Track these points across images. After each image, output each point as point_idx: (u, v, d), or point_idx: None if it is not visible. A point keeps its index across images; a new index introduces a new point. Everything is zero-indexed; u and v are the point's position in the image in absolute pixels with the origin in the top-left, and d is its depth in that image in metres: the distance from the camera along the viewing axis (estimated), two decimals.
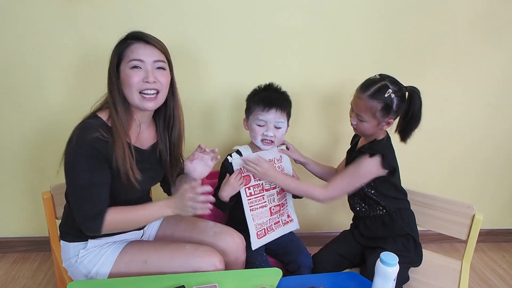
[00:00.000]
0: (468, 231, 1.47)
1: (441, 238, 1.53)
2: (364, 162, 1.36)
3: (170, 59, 1.23)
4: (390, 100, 1.30)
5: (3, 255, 2.00)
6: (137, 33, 1.17)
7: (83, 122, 1.13)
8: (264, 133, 1.44)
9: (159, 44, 1.18)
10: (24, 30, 1.63)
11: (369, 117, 1.33)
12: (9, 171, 1.87)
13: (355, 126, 1.40)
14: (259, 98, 1.46)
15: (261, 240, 1.48)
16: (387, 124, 1.35)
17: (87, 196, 1.09)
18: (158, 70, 1.16)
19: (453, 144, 2.04)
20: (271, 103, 1.43)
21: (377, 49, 1.82)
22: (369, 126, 1.35)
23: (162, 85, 1.17)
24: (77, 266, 1.20)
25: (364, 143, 1.45)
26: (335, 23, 1.76)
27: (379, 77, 1.35)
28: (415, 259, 1.45)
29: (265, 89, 1.51)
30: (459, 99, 1.96)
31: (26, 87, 1.72)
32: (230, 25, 1.71)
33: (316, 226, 2.16)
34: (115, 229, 1.14)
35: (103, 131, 1.10)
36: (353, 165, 1.38)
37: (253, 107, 1.46)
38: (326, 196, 1.38)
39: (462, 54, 1.87)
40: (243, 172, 1.45)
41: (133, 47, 1.14)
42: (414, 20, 1.78)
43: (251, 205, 1.46)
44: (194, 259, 1.18)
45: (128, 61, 1.13)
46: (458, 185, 2.13)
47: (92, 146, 1.07)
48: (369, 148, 1.37)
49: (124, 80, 1.14)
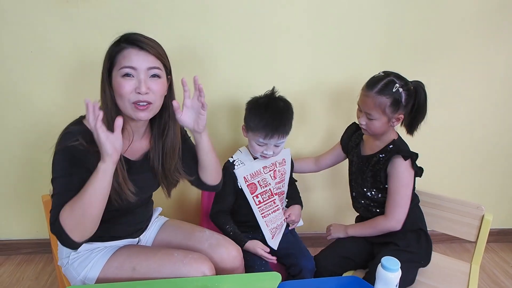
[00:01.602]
0: (477, 232, 1.42)
1: (450, 238, 1.48)
2: (402, 167, 1.33)
3: (167, 63, 1.14)
4: (399, 94, 1.29)
5: (8, 257, 2.00)
6: (131, 36, 1.08)
7: (66, 129, 1.08)
8: (264, 152, 1.41)
9: (155, 49, 1.08)
10: (22, 33, 1.62)
11: (379, 114, 1.31)
12: (12, 174, 1.87)
13: (365, 126, 1.37)
14: (261, 124, 1.36)
15: (275, 239, 1.48)
16: (397, 120, 1.34)
17: (56, 203, 1.01)
18: (152, 78, 1.07)
19: (460, 142, 1.99)
20: (273, 131, 1.36)
21: (382, 46, 1.77)
22: (380, 124, 1.33)
23: (156, 95, 1.08)
24: (68, 267, 1.19)
25: (375, 146, 1.41)
26: (338, 22, 1.72)
27: (383, 74, 1.34)
28: (425, 257, 1.41)
29: (266, 108, 1.39)
30: (466, 95, 1.90)
31: (26, 89, 1.71)
32: (230, 26, 1.68)
33: (320, 227, 2.12)
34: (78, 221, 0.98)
35: (85, 139, 1.03)
36: (393, 178, 1.35)
37: (254, 129, 1.38)
38: (396, 222, 1.36)
39: (470, 49, 1.82)
40: (248, 181, 1.42)
41: (125, 52, 1.05)
42: (420, 16, 1.73)
43: (262, 212, 1.45)
44: (183, 267, 1.14)
45: (120, 68, 1.05)
46: (465, 183, 2.08)
47: (69, 151, 1.02)
48: (399, 151, 1.34)
49: (115, 89, 1.07)
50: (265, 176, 1.47)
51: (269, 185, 1.47)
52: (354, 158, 1.51)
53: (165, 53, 1.13)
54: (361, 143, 1.50)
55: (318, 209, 2.09)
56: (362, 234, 1.46)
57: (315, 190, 2.04)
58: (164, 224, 1.40)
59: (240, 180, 1.43)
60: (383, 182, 1.38)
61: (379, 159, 1.38)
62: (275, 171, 1.49)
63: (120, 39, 1.08)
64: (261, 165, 1.47)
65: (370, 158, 1.42)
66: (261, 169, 1.46)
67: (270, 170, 1.48)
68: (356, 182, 1.49)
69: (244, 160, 1.46)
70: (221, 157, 1.86)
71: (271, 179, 1.47)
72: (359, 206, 1.51)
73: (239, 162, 1.46)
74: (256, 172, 1.46)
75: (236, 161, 1.46)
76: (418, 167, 1.36)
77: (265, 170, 1.47)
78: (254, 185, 1.45)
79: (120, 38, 1.09)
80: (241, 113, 1.51)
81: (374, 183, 1.41)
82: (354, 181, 1.50)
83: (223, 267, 1.26)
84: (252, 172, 1.45)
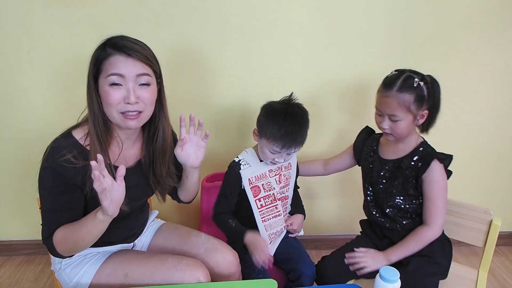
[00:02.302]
0: (485, 238, 1.36)
1: (458, 241, 1.42)
2: (440, 171, 1.26)
3: (157, 68, 1.09)
4: (420, 89, 1.22)
5: (8, 258, 2.00)
6: (117, 41, 1.02)
7: (54, 142, 1.06)
8: (275, 159, 1.35)
9: (143, 55, 1.03)
10: (18, 33, 1.60)
11: (404, 113, 1.23)
12: (12, 174, 1.85)
13: (389, 130, 1.27)
14: (279, 135, 1.28)
15: (273, 244, 1.43)
16: (421, 117, 1.26)
17: (46, 219, 1.06)
18: (141, 86, 1.03)
19: (466, 143, 1.93)
20: (290, 142, 1.29)
21: (388, 45, 1.73)
22: (406, 124, 1.24)
23: (145, 104, 1.04)
24: (60, 273, 1.18)
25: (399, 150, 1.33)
26: (344, 21, 1.68)
27: (396, 71, 1.27)
28: (447, 268, 1.36)
29: (285, 117, 1.30)
30: (474, 95, 1.84)
31: (23, 90, 1.69)
32: (229, 23, 1.64)
33: (324, 229, 2.08)
34: (70, 248, 1.06)
35: (72, 154, 1.01)
36: (433, 183, 1.27)
37: (269, 137, 1.30)
38: (437, 230, 1.29)
39: (477, 47, 1.76)
40: (252, 183, 1.39)
41: (112, 59, 1.00)
42: (427, 13, 1.68)
43: (263, 216, 1.41)
44: (176, 273, 1.11)
45: (107, 76, 1.00)
46: (472, 186, 2.01)
47: (56, 169, 1.01)
48: (435, 153, 1.27)
49: (103, 97, 1.03)
50: (270, 180, 1.41)
51: (273, 189, 1.42)
52: (373, 163, 1.40)
53: (154, 56, 1.09)
54: (379, 147, 1.41)
55: (322, 210, 2.04)
56: (408, 254, 1.31)
57: (320, 191, 2.00)
58: (160, 228, 1.37)
59: (244, 181, 1.38)
60: (414, 188, 1.30)
61: (411, 163, 1.29)
62: (280, 175, 1.44)
63: (106, 43, 1.03)
64: (267, 169, 1.41)
65: (397, 162, 1.33)
66: (266, 172, 1.41)
67: (276, 174, 1.43)
68: (377, 189, 1.39)
69: (250, 162, 1.41)
70: (225, 158, 1.84)
71: (275, 184, 1.42)
72: (378, 215, 1.41)
73: (245, 162, 1.41)
74: (261, 175, 1.40)
75: (242, 161, 1.41)
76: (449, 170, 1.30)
77: (271, 174, 1.42)
78: (258, 188, 1.40)
79: (106, 42, 1.04)
80: (250, 114, 1.46)
81: (404, 190, 1.32)
82: (374, 187, 1.40)
83: (219, 273, 1.23)
84: (257, 174, 1.40)
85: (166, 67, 1.57)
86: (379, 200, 1.39)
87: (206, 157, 1.83)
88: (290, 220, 1.47)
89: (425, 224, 1.31)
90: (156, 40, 1.62)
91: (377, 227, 1.44)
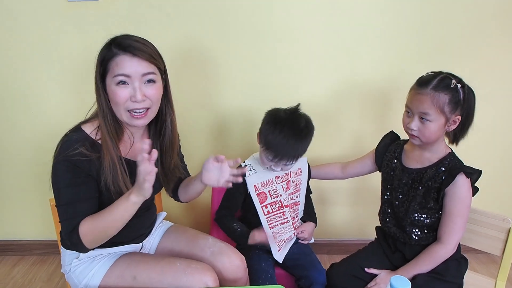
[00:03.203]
0: (503, 246, 1.30)
1: (474, 250, 1.37)
2: (465, 186, 1.20)
3: (161, 65, 1.11)
4: (457, 91, 1.16)
5: (22, 257, 2.03)
6: (122, 40, 1.04)
7: (65, 136, 1.08)
8: (272, 167, 1.34)
9: (148, 53, 1.04)
10: (33, 36, 1.64)
11: (436, 113, 1.16)
12: (26, 174, 1.88)
13: (417, 132, 1.19)
14: (273, 145, 1.27)
15: (282, 251, 1.41)
16: (453, 123, 1.19)
17: (66, 213, 1.04)
18: (147, 84, 1.05)
19: (485, 149, 1.87)
20: (282, 155, 1.27)
21: (405, 46, 1.70)
22: (436, 128, 1.17)
23: (152, 100, 1.07)
24: (70, 275, 1.18)
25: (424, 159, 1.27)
26: (360, 23, 1.66)
27: (432, 73, 1.21)
28: (461, 285, 1.30)
29: (282, 127, 1.27)
30: (495, 98, 1.78)
31: (37, 91, 1.72)
32: (239, 25, 1.64)
33: (336, 234, 2.04)
34: (97, 237, 1.05)
35: (85, 147, 1.03)
36: (457, 199, 1.20)
37: (265, 144, 1.30)
38: (450, 248, 1.24)
39: (498, 48, 1.71)
40: (258, 190, 1.37)
41: (117, 59, 1.02)
42: (445, 14, 1.65)
43: (270, 223, 1.39)
44: (185, 277, 1.11)
45: (114, 76, 1.02)
46: (490, 192, 1.93)
47: (71, 161, 1.02)
48: (462, 167, 1.20)
49: (110, 96, 1.05)
50: (277, 187, 1.39)
51: (279, 196, 1.40)
52: (396, 171, 1.34)
53: (158, 52, 1.10)
54: (402, 154, 1.34)
55: (335, 215, 2.01)
56: (420, 273, 1.26)
57: (333, 196, 1.97)
58: (168, 230, 1.37)
59: (250, 188, 1.37)
60: (435, 201, 1.24)
61: (436, 175, 1.22)
62: (288, 181, 1.42)
63: (111, 43, 1.05)
64: (274, 175, 1.39)
65: (421, 172, 1.26)
66: (273, 178, 1.39)
67: (283, 180, 1.40)
68: (395, 198, 1.33)
69: (256, 167, 1.40)
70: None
71: (282, 190, 1.40)
72: (392, 223, 1.36)
73: (251, 168, 1.39)
74: (267, 181, 1.38)
75: (249, 166, 1.39)
76: (475, 186, 1.24)
77: (278, 180, 1.39)
78: (264, 195, 1.38)
79: (111, 41, 1.06)
80: (256, 118, 1.45)
81: (424, 202, 1.26)
82: (393, 197, 1.34)
83: (225, 277, 1.22)
84: (263, 180, 1.38)
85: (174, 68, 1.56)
86: (395, 209, 1.34)
87: None
88: (302, 227, 1.45)
89: (439, 241, 1.25)
90: (165, 41, 1.63)
91: (390, 238, 1.39)
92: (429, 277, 1.24)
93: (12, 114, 1.76)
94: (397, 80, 1.71)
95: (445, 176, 1.21)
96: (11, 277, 1.89)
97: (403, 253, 1.34)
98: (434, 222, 1.27)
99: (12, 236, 2.02)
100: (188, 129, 1.76)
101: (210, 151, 1.84)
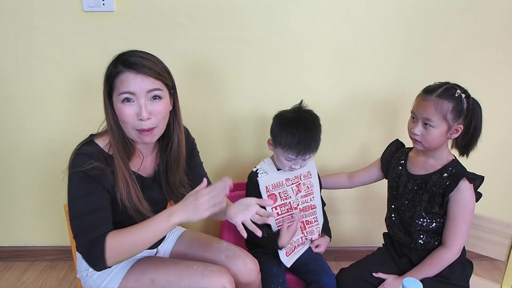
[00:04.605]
0: (508, 252, 1.34)
1: (477, 256, 1.41)
2: (469, 192, 1.24)
3: (169, 81, 1.09)
4: (461, 100, 1.21)
5: (32, 263, 2.05)
6: (127, 58, 1.04)
7: (78, 149, 1.08)
8: (292, 166, 1.39)
9: (152, 70, 1.03)
10: (49, 45, 1.68)
11: (439, 120, 1.21)
12: (37, 181, 1.91)
13: (419, 137, 1.25)
14: (293, 142, 1.33)
15: (291, 257, 1.44)
16: (456, 131, 1.24)
17: (84, 224, 1.02)
18: (153, 100, 1.04)
19: (489, 154, 1.90)
20: (305, 149, 1.34)
21: (410, 57, 1.74)
22: (438, 134, 1.22)
23: (158, 118, 1.06)
24: (87, 280, 1.20)
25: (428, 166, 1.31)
26: (359, 33, 1.70)
27: (439, 83, 1.27)
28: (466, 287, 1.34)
29: (297, 124, 1.35)
30: (500, 107, 1.82)
31: (51, 99, 1.76)
32: (251, 37, 1.69)
33: (343, 240, 2.07)
34: (121, 253, 1.02)
35: (100, 160, 1.04)
36: (460, 204, 1.25)
37: (284, 145, 1.35)
38: (455, 252, 1.28)
39: (500, 56, 1.74)
40: (269, 191, 1.41)
41: (122, 77, 1.02)
42: (448, 24, 1.69)
43: (279, 225, 1.43)
44: (202, 280, 1.13)
45: (119, 94, 1.02)
46: (493, 198, 1.97)
47: (86, 173, 1.02)
48: (465, 173, 1.25)
49: (118, 114, 1.05)
50: (287, 189, 1.44)
51: (289, 198, 1.44)
52: (401, 178, 1.38)
53: (165, 68, 1.09)
54: (407, 161, 1.40)
55: (342, 222, 2.04)
56: (426, 277, 1.29)
57: (340, 204, 2.00)
58: (181, 235, 1.40)
59: (262, 189, 1.41)
60: (440, 206, 1.28)
61: (440, 181, 1.27)
62: (299, 184, 1.46)
63: (117, 60, 1.05)
64: (284, 177, 1.44)
65: (425, 178, 1.31)
66: (283, 181, 1.44)
67: (293, 183, 1.45)
68: (401, 204, 1.38)
69: (267, 170, 1.45)
70: (244, 169, 1.87)
71: (292, 192, 1.44)
72: (398, 229, 1.40)
73: (263, 171, 1.45)
74: (278, 183, 1.44)
75: (260, 170, 1.45)
76: (478, 192, 1.28)
77: (288, 183, 1.44)
78: (275, 196, 1.42)
79: (117, 58, 1.06)
80: (266, 124, 1.49)
81: (429, 207, 1.30)
82: (399, 203, 1.38)
83: (240, 280, 1.24)
84: (274, 182, 1.43)
85: (187, 78, 1.59)
86: (402, 215, 1.38)
87: (225, 166, 1.88)
88: (318, 241, 1.50)
89: (443, 246, 1.29)
90: (179, 52, 1.69)
91: (396, 243, 1.43)
92: (435, 281, 1.28)
93: (27, 120, 1.80)
94: (402, 89, 1.75)
95: (449, 182, 1.25)
96: (21, 282, 1.90)
97: (410, 258, 1.37)
98: (439, 227, 1.31)
99: (22, 243, 2.04)
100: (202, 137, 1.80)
101: (223, 158, 1.87)
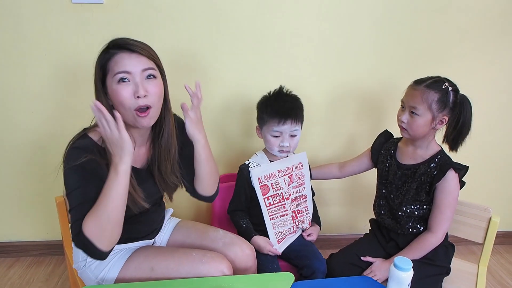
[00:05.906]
0: (484, 234, 1.43)
1: (455, 241, 1.49)
2: (454, 180, 1.32)
3: (160, 64, 1.12)
4: (447, 92, 1.28)
5: (18, 259, 2.02)
6: (119, 40, 1.06)
7: (72, 143, 1.07)
8: (280, 144, 1.44)
9: (146, 50, 1.06)
10: (36, 36, 1.65)
11: (424, 109, 1.28)
12: (23, 175, 1.89)
13: (406, 125, 1.32)
14: (273, 110, 1.43)
15: (282, 244, 1.50)
16: (440, 122, 1.31)
17: (75, 214, 1.01)
18: (148, 79, 1.05)
19: (467, 144, 1.99)
20: (286, 114, 1.41)
21: (395, 51, 1.81)
22: (422, 122, 1.29)
23: (154, 97, 1.06)
24: (85, 270, 1.20)
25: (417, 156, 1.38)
26: (346, 26, 1.75)
27: (431, 76, 1.34)
28: (449, 268, 1.42)
29: (276, 97, 1.47)
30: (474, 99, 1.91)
31: (38, 91, 1.73)
32: (240, 30, 1.71)
33: (329, 229, 2.14)
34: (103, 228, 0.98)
35: (94, 153, 1.04)
36: (445, 192, 1.32)
37: (266, 119, 1.44)
38: (439, 237, 1.35)
39: (478, 51, 1.84)
40: (261, 182, 1.46)
41: (116, 58, 1.03)
42: (428, 20, 1.77)
43: (271, 215, 1.48)
44: (201, 266, 1.16)
45: (114, 75, 1.02)
46: (472, 186, 2.08)
47: (81, 166, 1.02)
48: (451, 163, 1.32)
49: (113, 97, 1.04)
50: (279, 180, 1.49)
51: (281, 188, 1.49)
52: (391, 167, 1.45)
53: (156, 54, 1.12)
54: (397, 151, 1.46)
55: (327, 211, 2.10)
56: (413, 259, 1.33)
57: (327, 194, 2.06)
58: (177, 225, 1.42)
59: (254, 180, 1.46)
60: (427, 194, 1.36)
61: (428, 170, 1.35)
62: (291, 175, 1.51)
63: (108, 46, 1.06)
64: (277, 168, 1.49)
65: (414, 168, 1.38)
66: (276, 172, 1.49)
67: (285, 174, 1.50)
68: (390, 192, 1.45)
69: (260, 162, 1.50)
70: (233, 162, 1.90)
71: (284, 183, 1.49)
72: (386, 216, 1.47)
73: (255, 163, 1.50)
74: (270, 174, 1.48)
75: (252, 163, 1.50)
76: (462, 180, 1.36)
77: (280, 174, 1.49)
78: (267, 187, 1.47)
79: (108, 45, 1.07)
80: (252, 117, 1.54)
81: (417, 195, 1.38)
82: (388, 191, 1.46)
83: (237, 266, 1.28)
84: (267, 174, 1.48)
85: (175, 70, 1.60)
86: (390, 202, 1.45)
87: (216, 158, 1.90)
88: (310, 231, 1.57)
89: (429, 231, 1.37)
90: (168, 44, 1.69)
91: (384, 229, 1.51)
92: (420, 262, 1.36)
93: (13, 114, 1.77)
94: (389, 84, 1.83)
95: (437, 172, 1.33)
96: (7, 278, 1.88)
97: (397, 242, 1.45)
98: (425, 213, 1.39)
99: (7, 238, 2.01)
100: None
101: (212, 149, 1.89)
